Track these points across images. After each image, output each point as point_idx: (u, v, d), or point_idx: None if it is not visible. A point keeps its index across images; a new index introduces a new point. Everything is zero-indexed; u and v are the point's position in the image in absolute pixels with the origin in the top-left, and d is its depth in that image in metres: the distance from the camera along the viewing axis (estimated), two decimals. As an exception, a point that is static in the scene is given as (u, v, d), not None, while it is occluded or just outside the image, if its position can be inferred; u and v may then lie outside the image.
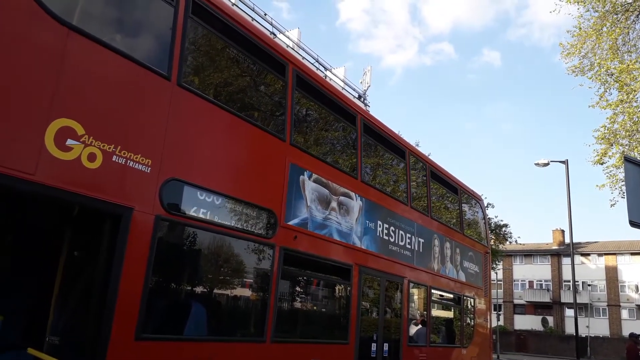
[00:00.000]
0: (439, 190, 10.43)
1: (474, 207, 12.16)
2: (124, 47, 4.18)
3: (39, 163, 3.41)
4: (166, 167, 4.30)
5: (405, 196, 8.53)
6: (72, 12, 3.89)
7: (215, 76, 5.44)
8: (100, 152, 3.77)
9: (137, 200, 4.03)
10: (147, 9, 4.65)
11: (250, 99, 6.02)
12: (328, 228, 6.32)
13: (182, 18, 4.59)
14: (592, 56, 12.11)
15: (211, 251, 4.99)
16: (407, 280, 8.07)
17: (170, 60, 4.43)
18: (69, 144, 3.57)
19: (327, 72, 16.63)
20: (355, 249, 6.83)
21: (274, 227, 5.45)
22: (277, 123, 6.02)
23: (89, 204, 3.76)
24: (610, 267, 49.34)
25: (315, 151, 6.66)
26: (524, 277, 53.68)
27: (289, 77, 5.96)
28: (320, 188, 6.28)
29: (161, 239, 4.27)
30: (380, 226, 7.48)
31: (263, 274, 5.41)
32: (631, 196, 4.68)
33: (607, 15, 11.59)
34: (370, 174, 8.13)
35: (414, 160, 9.15)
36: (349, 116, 7.31)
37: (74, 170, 3.60)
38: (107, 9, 4.39)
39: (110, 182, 3.88)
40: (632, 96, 11.04)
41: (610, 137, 11.80)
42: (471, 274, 10.71)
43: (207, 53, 5.42)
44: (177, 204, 4.43)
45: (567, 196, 20.34)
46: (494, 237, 30.65)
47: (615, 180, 12.31)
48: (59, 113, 3.55)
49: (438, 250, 9.24)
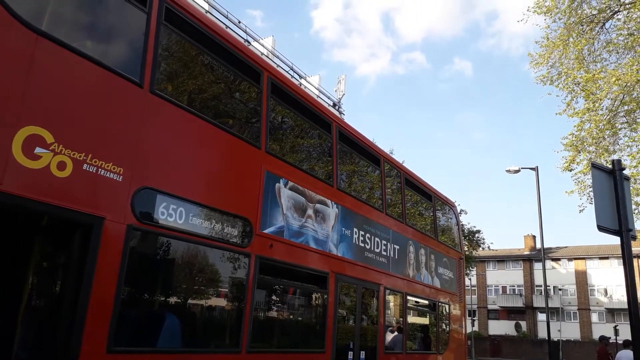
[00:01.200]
0: (413, 197, 10.53)
1: (448, 213, 12.31)
2: (95, 53, 4.11)
3: (6, 172, 3.30)
4: (138, 176, 4.23)
5: (380, 203, 8.57)
6: (41, 16, 3.81)
7: (189, 83, 5.39)
8: (71, 161, 3.68)
9: (108, 209, 3.94)
10: (119, 15, 4.58)
11: (225, 106, 5.98)
12: (304, 236, 6.30)
13: (154, 25, 4.53)
14: (559, 66, 12.46)
15: (185, 261, 4.91)
16: (383, 287, 8.10)
17: (143, 67, 4.37)
18: (37, 153, 3.48)
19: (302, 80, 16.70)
20: (331, 257, 6.82)
21: (249, 236, 5.40)
22: (252, 130, 5.99)
23: (58, 213, 3.66)
24: (580, 272, 50.55)
25: (291, 158, 6.65)
26: (497, 282, 54.53)
27: (264, 85, 5.95)
28: (297, 196, 6.26)
29: (133, 249, 4.18)
30: (356, 233, 7.50)
31: (238, 284, 5.35)
32: (599, 202, 4.81)
33: (573, 26, 11.96)
34: (346, 181, 8.15)
35: (389, 167, 9.22)
36: (325, 124, 7.33)
37: (42, 179, 3.50)
38: (78, 14, 4.31)
39: (81, 191, 3.79)
40: (598, 105, 11.39)
41: (578, 144, 12.12)
42: (446, 280, 10.81)
43: (180, 60, 5.37)
44: (149, 212, 4.35)
45: (538, 202, 20.81)
46: (467, 243, 31.08)
47: (584, 186, 12.63)
48: (27, 121, 3.45)
49: (413, 256, 9.31)
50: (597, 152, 12.17)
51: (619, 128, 12.07)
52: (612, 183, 4.92)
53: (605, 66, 12.19)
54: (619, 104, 11.49)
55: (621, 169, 4.98)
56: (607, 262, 49.41)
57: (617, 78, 10.60)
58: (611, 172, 4.97)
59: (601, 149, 12.10)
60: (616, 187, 4.89)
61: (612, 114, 11.67)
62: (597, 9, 11.84)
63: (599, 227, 4.72)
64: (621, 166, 5.02)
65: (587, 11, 11.91)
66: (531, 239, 54.69)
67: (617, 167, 4.97)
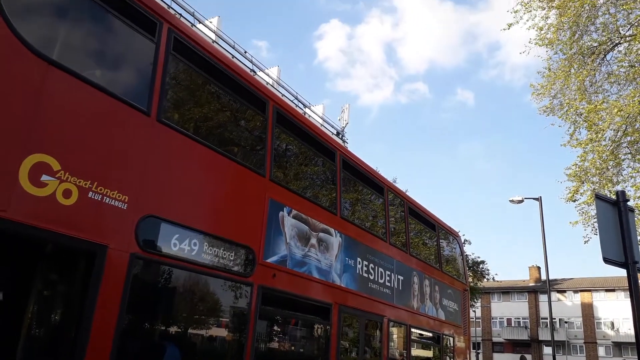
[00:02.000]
0: (417, 227, 10.47)
1: (452, 243, 12.21)
2: (104, 81, 4.16)
3: (12, 199, 3.30)
4: (143, 204, 4.22)
5: (384, 232, 8.52)
6: (52, 46, 3.88)
7: (195, 111, 5.44)
8: (76, 188, 3.68)
9: (112, 237, 3.92)
10: (128, 45, 4.67)
11: (231, 134, 6.02)
12: (307, 265, 6.25)
13: (163, 54, 4.61)
14: (561, 97, 12.55)
15: (187, 290, 4.86)
16: (386, 319, 7.97)
17: (151, 95, 4.42)
18: (43, 180, 3.48)
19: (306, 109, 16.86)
20: (334, 287, 6.74)
21: (252, 265, 5.35)
22: (257, 158, 6.01)
23: (62, 241, 3.64)
24: (586, 304, 49.78)
25: (295, 186, 6.65)
26: (502, 314, 53.68)
27: (269, 114, 6.00)
28: (300, 224, 6.23)
29: (136, 277, 4.14)
30: (359, 263, 7.43)
31: (240, 314, 5.27)
32: (603, 233, 4.77)
33: (574, 58, 12.11)
34: (350, 209, 8.13)
35: (392, 196, 9.20)
36: (329, 152, 7.36)
37: (48, 207, 3.50)
38: (88, 44, 4.39)
39: (86, 219, 3.77)
40: (601, 135, 11.42)
41: (581, 174, 12.10)
42: (450, 312, 10.65)
43: (187, 89, 5.44)
44: (153, 241, 4.32)
45: (542, 233, 20.65)
46: (472, 274, 30.74)
47: (588, 217, 12.54)
48: (34, 148, 3.47)
49: (417, 287, 9.19)
50: (601, 183, 12.13)
51: (622, 159, 12.06)
52: (617, 214, 4.89)
53: (607, 97, 12.27)
54: (622, 134, 11.52)
55: (625, 200, 4.96)
56: (613, 294, 48.72)
57: (619, 109, 10.66)
58: (615, 203, 4.95)
59: (605, 179, 12.07)
60: (621, 219, 4.86)
61: (615, 145, 11.68)
62: (598, 41, 12.01)
63: (605, 260, 4.67)
64: (625, 197, 5.00)
65: (588, 43, 12.07)
66: (536, 270, 54.10)
67: (621, 198, 4.95)
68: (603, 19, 11.89)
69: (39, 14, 4.00)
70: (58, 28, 4.09)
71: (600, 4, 11.48)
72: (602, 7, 11.63)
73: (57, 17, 4.13)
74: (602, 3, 11.49)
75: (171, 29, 4.73)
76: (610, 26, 11.82)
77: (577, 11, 11.22)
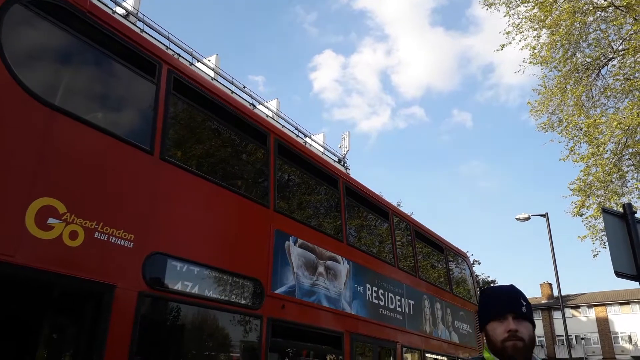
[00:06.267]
0: (424, 250, 10.41)
1: (461, 264, 12.11)
2: (106, 123, 4.24)
3: (19, 244, 3.33)
4: (149, 241, 4.24)
5: (391, 257, 8.48)
6: (55, 91, 3.96)
7: (197, 148, 5.51)
8: (82, 230, 3.71)
9: (119, 276, 3.93)
10: (129, 87, 4.76)
11: (233, 168, 6.07)
12: (316, 294, 6.20)
13: (163, 94, 4.70)
14: (559, 113, 12.63)
15: (197, 326, 4.82)
16: (399, 345, 7.86)
17: (153, 134, 4.49)
18: (50, 223, 3.51)
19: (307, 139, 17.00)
20: (345, 315, 6.67)
21: (260, 297, 5.32)
22: (260, 190, 6.04)
23: (70, 283, 3.64)
24: (601, 319, 48.85)
25: (299, 216, 6.65)
26: (516, 334, 52.60)
27: (271, 146, 6.06)
28: (307, 253, 6.22)
29: (145, 316, 4.12)
30: (369, 289, 7.37)
31: (251, 348, 5.22)
32: (613, 247, 4.74)
33: (569, 74, 12.23)
34: (356, 236, 8.11)
35: (398, 220, 9.19)
36: (331, 180, 7.39)
37: (55, 250, 3.52)
38: (90, 87, 4.49)
39: (92, 260, 3.79)
40: (602, 149, 11.44)
41: (586, 189, 12.07)
42: (464, 335, 10.48)
43: (189, 126, 5.52)
44: (160, 278, 4.32)
45: (551, 249, 20.46)
46: (483, 295, 30.31)
47: (595, 230, 12.45)
48: (40, 192, 3.52)
49: (429, 311, 9.08)
50: (606, 196, 12.09)
51: (625, 171, 12.05)
52: (625, 227, 4.88)
53: (605, 111, 12.35)
54: (623, 147, 11.55)
55: (632, 213, 4.95)
56: (628, 307, 47.85)
57: (618, 122, 10.70)
58: (623, 216, 4.93)
59: (610, 192, 12.03)
60: (630, 232, 4.84)
61: (617, 157, 11.70)
62: (591, 56, 12.15)
63: (617, 273, 4.64)
64: (632, 209, 4.98)
65: (581, 59, 12.22)
66: (547, 287, 53.32)
67: (629, 210, 4.94)
68: (595, 35, 12.07)
69: (41, 60, 4.10)
70: (59, 73, 4.19)
71: (590, 21, 11.66)
72: (592, 24, 11.82)
73: (58, 63, 4.23)
74: (592, 20, 11.68)
75: (171, 70, 4.83)
76: (603, 42, 11.98)
77: (568, 29, 11.39)
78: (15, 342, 4.40)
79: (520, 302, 1.84)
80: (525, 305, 1.84)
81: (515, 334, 1.78)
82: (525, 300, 1.86)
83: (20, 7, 3.71)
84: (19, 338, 4.37)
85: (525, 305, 1.84)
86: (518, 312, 1.81)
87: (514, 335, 1.77)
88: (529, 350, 1.79)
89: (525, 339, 1.78)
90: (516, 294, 1.88)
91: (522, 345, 1.77)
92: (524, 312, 1.82)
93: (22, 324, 4.38)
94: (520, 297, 1.87)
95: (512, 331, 1.78)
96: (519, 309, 1.82)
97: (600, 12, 11.49)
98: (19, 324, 4.43)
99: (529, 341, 1.79)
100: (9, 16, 3.60)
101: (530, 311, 1.87)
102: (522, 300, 1.85)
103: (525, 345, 1.78)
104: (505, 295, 1.89)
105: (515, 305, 1.83)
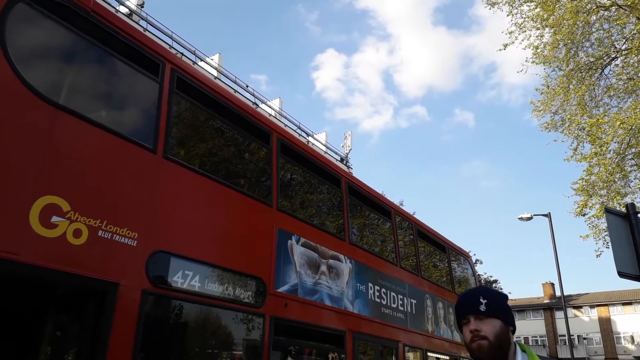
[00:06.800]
0: (426, 249, 10.41)
1: (463, 264, 12.11)
2: (110, 122, 4.25)
3: (23, 242, 3.34)
4: (153, 240, 4.25)
5: (394, 256, 8.48)
6: (59, 90, 3.98)
7: (200, 147, 5.52)
8: (86, 228, 3.72)
9: (123, 274, 3.94)
10: (133, 85, 4.78)
11: (236, 167, 6.08)
12: (319, 293, 6.21)
13: (167, 93, 4.71)
14: (562, 112, 12.60)
15: (199, 324, 4.84)
16: (402, 344, 7.86)
17: (156, 133, 4.50)
18: (54, 221, 3.53)
19: (309, 138, 17.00)
20: (347, 314, 6.68)
21: (263, 296, 5.33)
22: (263, 189, 6.05)
23: (73, 281, 3.66)
24: (604, 319, 48.74)
25: (302, 215, 6.66)
26: (518, 333, 52.55)
27: (274, 145, 6.07)
28: (309, 252, 6.23)
29: (148, 314, 4.14)
30: (371, 288, 7.38)
31: (253, 346, 5.23)
32: (616, 247, 4.74)
33: (572, 74, 12.20)
34: (358, 235, 8.12)
35: (400, 219, 9.19)
36: (334, 179, 7.40)
37: (59, 248, 3.53)
38: (94, 86, 4.50)
39: (96, 258, 3.80)
40: (605, 148, 11.42)
41: (588, 188, 12.06)
42: (466, 334, 10.47)
43: (192, 125, 5.53)
44: (163, 276, 4.33)
45: (554, 248, 20.42)
46: (485, 294, 30.31)
47: (598, 230, 12.43)
48: (44, 190, 3.53)
49: (431, 310, 9.09)
50: (609, 196, 12.07)
51: (628, 171, 12.03)
52: (629, 227, 4.87)
53: (608, 110, 12.31)
54: (626, 147, 11.53)
55: (635, 213, 4.94)
56: (630, 307, 47.74)
57: (621, 122, 10.68)
58: (626, 216, 4.93)
59: (613, 192, 12.01)
60: (633, 232, 4.83)
61: (620, 157, 11.68)
62: (594, 56, 12.12)
63: (620, 274, 4.63)
64: (635, 210, 4.98)
65: (584, 59, 12.18)
66: (550, 287, 53.22)
67: (632, 210, 4.94)
68: (597, 34, 12.03)
69: (44, 59, 4.12)
70: (63, 72, 4.21)
71: (593, 20, 11.63)
72: (595, 23, 11.78)
73: (62, 62, 4.24)
74: (595, 20, 11.64)
75: (174, 69, 4.84)
76: (605, 41, 11.95)
77: (571, 29, 11.36)
78: (19, 340, 4.43)
79: (479, 301, 1.82)
80: (486, 303, 1.81)
81: (478, 334, 1.76)
82: (487, 298, 1.82)
83: (24, 6, 3.72)
84: (23, 335, 4.40)
85: (485, 303, 1.81)
86: (477, 312, 1.80)
87: (476, 335, 1.77)
88: (495, 348, 1.75)
89: (490, 337, 1.75)
90: (475, 295, 1.86)
91: (486, 343, 1.75)
92: (482, 310, 1.79)
93: (25, 321, 4.40)
94: (481, 296, 1.84)
95: (472, 332, 1.78)
96: (476, 309, 1.80)
97: (604, 12, 11.46)
98: (23, 321, 4.45)
99: (494, 339, 1.75)
100: (13, 15, 3.61)
101: (497, 308, 1.81)
102: (481, 299, 1.82)
103: (491, 344, 1.75)
104: (464, 298, 1.90)
105: (472, 305, 1.82)
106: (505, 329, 1.81)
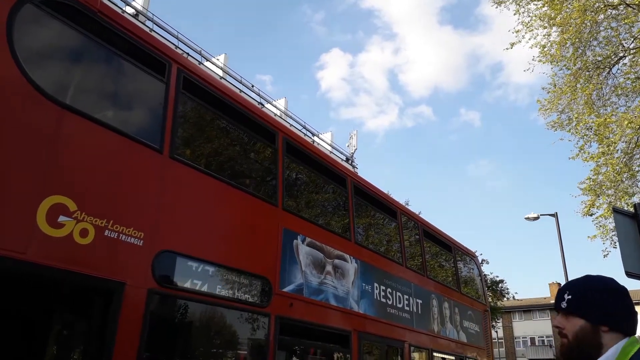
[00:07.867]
0: (432, 249, 10.38)
1: (469, 264, 12.07)
2: (116, 122, 4.27)
3: (30, 241, 3.36)
4: (159, 239, 4.26)
5: (399, 256, 8.46)
6: (66, 90, 4.00)
7: (206, 147, 5.54)
8: (93, 227, 3.74)
9: (129, 274, 3.96)
10: (139, 85, 4.79)
11: (242, 166, 6.10)
12: (324, 293, 6.21)
13: (173, 93, 4.72)
14: (569, 111, 12.52)
15: (205, 323, 4.85)
16: (407, 344, 7.85)
17: (162, 133, 4.51)
18: (61, 221, 3.55)
19: (314, 138, 17.00)
20: (353, 314, 6.68)
21: (268, 295, 5.34)
22: (269, 189, 6.06)
23: (80, 281, 3.68)
24: (611, 319, 48.42)
25: (307, 214, 6.66)
26: (524, 333, 52.38)
27: (279, 145, 6.07)
28: (315, 252, 6.22)
29: (154, 313, 4.15)
30: (377, 288, 7.37)
31: (259, 345, 5.24)
32: (624, 247, 4.71)
33: (579, 73, 12.11)
34: (364, 235, 8.11)
35: (406, 219, 9.17)
36: (339, 179, 7.39)
37: (65, 247, 3.55)
38: (100, 86, 4.52)
39: (102, 257, 3.82)
40: (613, 148, 11.34)
41: (596, 188, 11.97)
42: (472, 334, 10.45)
43: (198, 125, 5.55)
44: (169, 276, 4.35)
45: (560, 248, 20.29)
46: (491, 294, 30.19)
47: (606, 230, 12.34)
48: (51, 190, 3.55)
49: (437, 310, 9.06)
50: (617, 195, 11.97)
51: (636, 170, 11.94)
52: (637, 227, 4.84)
53: (616, 109, 12.21)
54: (634, 146, 11.44)
55: (644, 212, 4.90)
56: (637, 308, 47.40)
57: (629, 121, 10.60)
58: (634, 216, 4.89)
59: (620, 192, 11.92)
60: (641, 231, 4.79)
61: (628, 157, 11.59)
62: (602, 55, 12.02)
63: (627, 273, 4.60)
64: (643, 209, 4.94)
65: (592, 58, 12.09)
66: (556, 287, 52.84)
67: (640, 210, 4.90)
68: (605, 33, 11.93)
69: (52, 59, 4.14)
70: (70, 72, 4.23)
71: (601, 19, 11.54)
72: (603, 22, 11.69)
73: (69, 62, 4.27)
74: (603, 18, 11.55)
75: (180, 69, 4.86)
76: (613, 40, 11.85)
77: (578, 27, 11.28)
78: (26, 339, 4.46)
79: (562, 296, 1.65)
80: (569, 299, 1.63)
81: (560, 332, 1.62)
82: (572, 293, 1.63)
83: (32, 7, 3.74)
84: (30, 334, 4.43)
85: (567, 299, 1.63)
86: (558, 308, 1.66)
87: (559, 332, 1.63)
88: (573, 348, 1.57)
89: (569, 337, 1.58)
90: (564, 288, 1.70)
91: (565, 342, 1.59)
92: (563, 307, 1.63)
93: (32, 320, 4.43)
94: (567, 290, 1.66)
95: (555, 327, 1.65)
96: (558, 305, 1.66)
97: (611, 10, 11.37)
98: (30, 320, 4.48)
99: (573, 339, 1.57)
100: (21, 15, 3.63)
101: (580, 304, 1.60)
102: (566, 294, 1.65)
103: (569, 343, 1.58)
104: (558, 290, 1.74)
105: (557, 300, 1.68)
106: (589, 329, 1.57)
